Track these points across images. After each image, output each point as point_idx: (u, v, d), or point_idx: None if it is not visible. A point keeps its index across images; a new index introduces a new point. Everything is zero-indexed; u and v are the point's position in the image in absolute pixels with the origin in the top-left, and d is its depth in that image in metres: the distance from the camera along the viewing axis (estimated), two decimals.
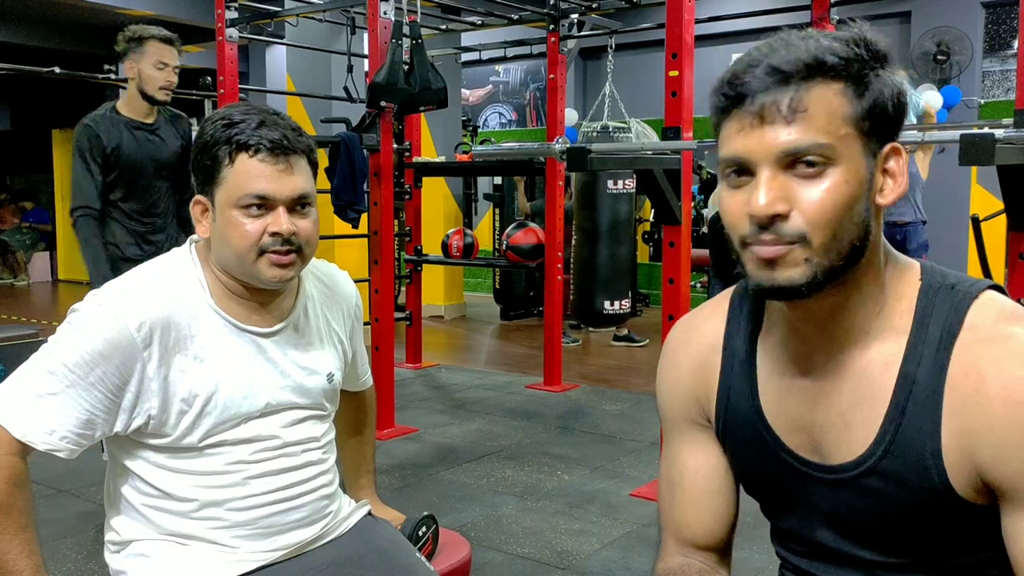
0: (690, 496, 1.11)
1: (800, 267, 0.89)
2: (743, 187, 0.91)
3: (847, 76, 0.88)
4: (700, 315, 1.13)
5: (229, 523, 1.38)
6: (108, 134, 3.14)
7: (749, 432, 1.04)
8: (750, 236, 0.90)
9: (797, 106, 0.87)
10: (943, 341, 0.91)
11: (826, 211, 0.88)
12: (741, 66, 0.91)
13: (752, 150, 0.89)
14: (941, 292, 0.94)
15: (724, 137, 0.92)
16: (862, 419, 0.95)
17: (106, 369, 1.27)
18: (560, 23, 5.18)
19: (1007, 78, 7.89)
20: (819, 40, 0.89)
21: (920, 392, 0.91)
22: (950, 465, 0.90)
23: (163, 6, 8.94)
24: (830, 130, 0.87)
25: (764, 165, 0.89)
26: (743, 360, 1.05)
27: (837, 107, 0.88)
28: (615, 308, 6.40)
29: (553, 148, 3.84)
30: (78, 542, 2.99)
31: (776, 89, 0.88)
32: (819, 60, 0.88)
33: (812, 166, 0.88)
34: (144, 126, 3.24)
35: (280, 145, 1.32)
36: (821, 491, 0.99)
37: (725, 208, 0.93)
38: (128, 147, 3.18)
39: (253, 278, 1.36)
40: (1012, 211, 2.94)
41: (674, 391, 1.12)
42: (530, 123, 11.06)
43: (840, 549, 1.01)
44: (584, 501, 3.42)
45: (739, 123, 0.90)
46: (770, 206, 0.88)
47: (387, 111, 4.20)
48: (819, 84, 0.88)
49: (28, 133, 12.90)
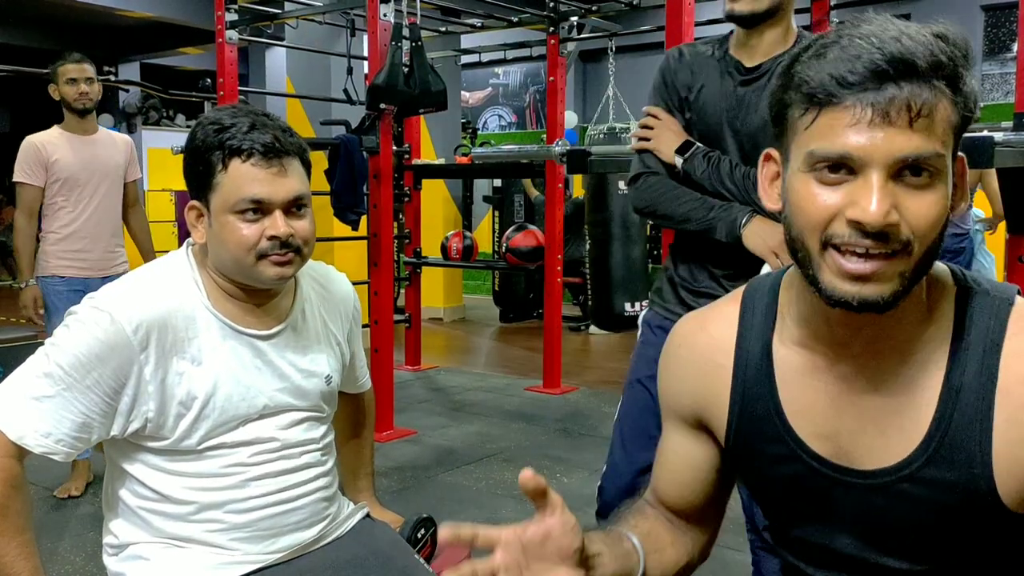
0: (665, 474, 1.12)
1: (893, 282, 0.83)
2: (839, 185, 0.83)
3: (954, 81, 0.81)
4: (708, 315, 1.08)
5: (228, 525, 1.37)
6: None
7: (768, 435, 1.00)
8: (843, 238, 0.83)
9: (927, 110, 0.79)
10: (988, 348, 0.88)
11: (932, 225, 0.82)
12: (855, 51, 0.81)
13: (868, 150, 0.80)
14: (977, 297, 0.91)
15: (825, 128, 0.83)
16: (901, 426, 0.92)
17: (102, 372, 1.27)
18: (560, 25, 5.18)
19: (1006, 81, 7.90)
20: (923, 34, 0.81)
21: (967, 399, 0.88)
22: (1000, 474, 0.87)
23: (163, 8, 8.94)
24: (944, 140, 0.81)
25: (878, 168, 0.81)
26: (759, 362, 1.01)
27: (949, 115, 0.82)
28: (635, 310, 6.30)
29: (553, 151, 3.85)
30: (76, 545, 2.98)
31: (905, 85, 0.80)
32: (939, 60, 0.80)
33: (921, 175, 0.81)
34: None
35: (273, 148, 1.32)
36: (847, 496, 0.96)
37: (808, 205, 0.85)
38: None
39: (253, 279, 1.36)
40: (1011, 214, 2.94)
41: (671, 389, 1.10)
42: (530, 125, 11.07)
43: (861, 556, 0.98)
44: (583, 504, 3.40)
45: (852, 116, 0.81)
46: (886, 216, 0.80)
47: (387, 113, 4.20)
48: (941, 87, 0.81)
49: (28, 134, 12.90)
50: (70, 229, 3.43)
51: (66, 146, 3.45)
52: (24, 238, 3.44)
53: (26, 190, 3.43)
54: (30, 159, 3.43)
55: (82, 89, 3.47)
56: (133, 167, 3.65)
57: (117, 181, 3.56)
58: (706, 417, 1.06)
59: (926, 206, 0.82)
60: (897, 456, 0.92)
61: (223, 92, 4.76)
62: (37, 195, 3.42)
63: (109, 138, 3.62)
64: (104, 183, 3.49)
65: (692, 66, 1.90)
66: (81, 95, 3.47)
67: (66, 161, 3.42)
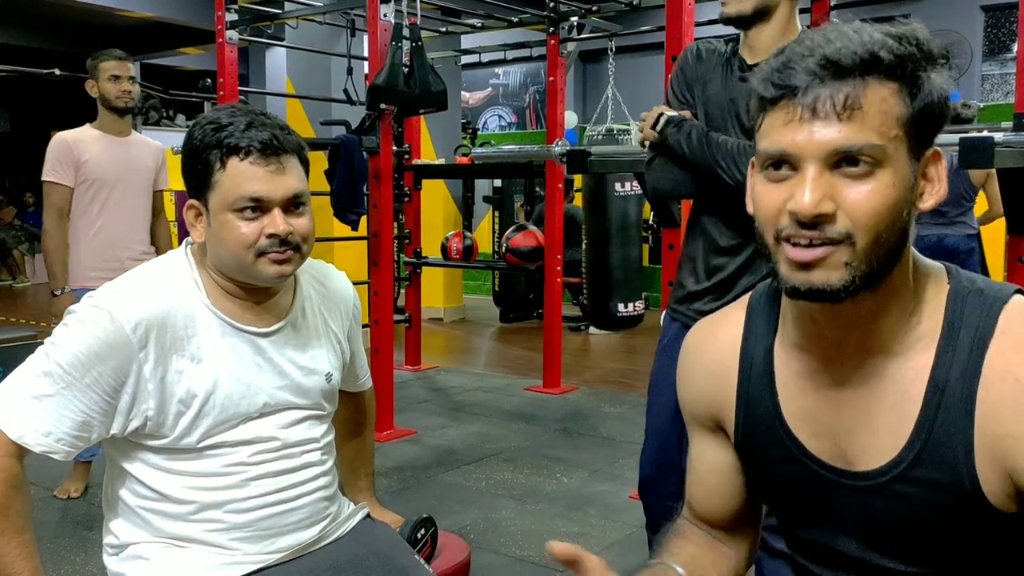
0: (699, 481, 1.15)
1: (839, 271, 0.86)
2: (783, 181, 0.88)
3: (902, 76, 0.85)
4: (717, 321, 1.12)
5: (228, 525, 1.37)
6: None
7: (770, 438, 1.02)
8: (787, 231, 0.87)
9: (853, 103, 0.84)
10: (975, 346, 0.89)
11: (872, 213, 0.85)
12: (792, 55, 0.87)
13: (800, 145, 0.85)
14: (970, 297, 0.92)
15: (767, 128, 0.89)
16: (890, 425, 0.93)
17: (102, 370, 1.27)
18: (560, 26, 5.18)
19: (1006, 81, 7.90)
20: (873, 35, 0.85)
21: (952, 397, 0.90)
22: (982, 471, 0.88)
23: (163, 8, 8.94)
24: (883, 131, 0.85)
25: (811, 162, 0.85)
26: (761, 366, 1.03)
27: (891, 107, 0.85)
28: (629, 310, 6.33)
29: (553, 151, 3.85)
30: (77, 544, 2.98)
31: (831, 83, 0.84)
32: (876, 56, 0.84)
33: (859, 166, 0.85)
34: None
35: (271, 145, 1.32)
36: (846, 498, 0.97)
37: (761, 202, 0.90)
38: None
39: (253, 278, 1.36)
40: (1011, 215, 2.94)
41: (689, 395, 1.13)
42: (530, 125, 11.07)
43: (863, 558, 0.99)
44: (583, 504, 3.42)
45: (787, 115, 0.86)
46: (816, 205, 0.85)
47: (387, 113, 4.20)
48: (875, 81, 0.85)
49: (28, 135, 12.91)
50: (100, 236, 3.30)
51: (98, 146, 3.32)
52: (55, 241, 3.27)
53: (55, 190, 3.27)
54: (60, 157, 3.27)
55: (125, 87, 3.36)
56: (163, 175, 3.52)
57: (147, 187, 3.45)
58: (720, 419, 1.09)
59: (864, 195, 0.85)
60: (888, 456, 0.93)
61: (223, 92, 4.76)
62: (66, 195, 3.26)
63: (143, 142, 3.52)
64: (133, 187, 3.37)
65: (705, 62, 2.02)
66: (124, 93, 3.36)
67: (97, 161, 3.29)
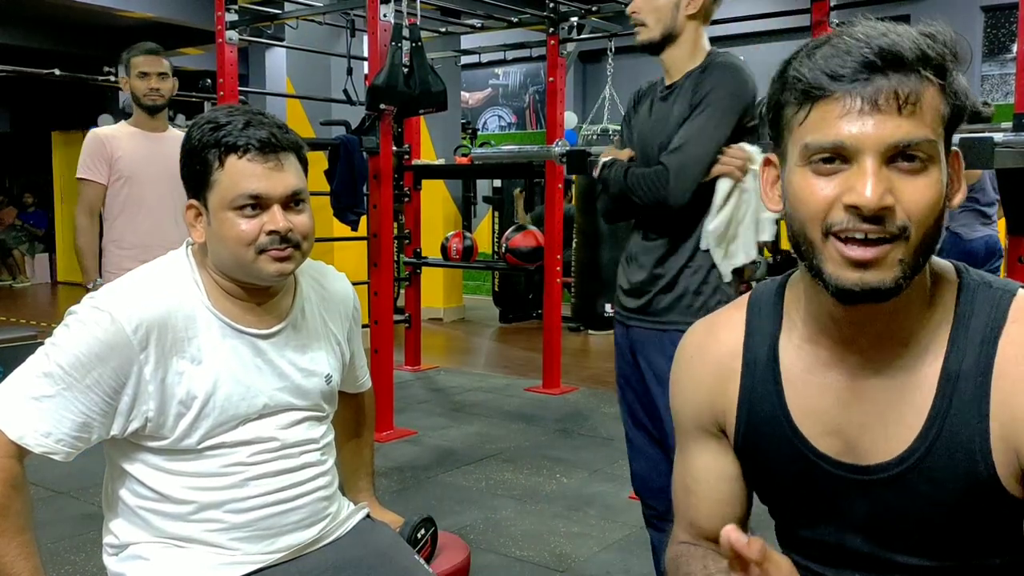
0: (703, 500, 1.11)
1: (894, 269, 0.86)
2: (834, 175, 0.86)
3: (943, 74, 0.86)
4: (716, 321, 1.10)
5: (227, 525, 1.37)
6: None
7: (776, 438, 1.01)
8: (842, 224, 0.85)
9: (914, 98, 0.84)
10: (987, 336, 0.90)
11: (928, 208, 0.85)
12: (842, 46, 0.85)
13: (859, 138, 0.84)
14: (980, 289, 0.93)
15: (817, 121, 0.86)
16: (902, 417, 0.93)
17: (102, 371, 1.27)
18: (560, 26, 5.19)
19: (1006, 82, 7.90)
20: (912, 33, 0.86)
21: (965, 387, 0.90)
22: (997, 456, 0.89)
23: (163, 8, 8.94)
24: (934, 127, 0.85)
25: (871, 155, 0.84)
26: (765, 364, 1.02)
27: (939, 105, 0.86)
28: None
29: (552, 151, 3.85)
30: (77, 544, 2.98)
31: (893, 76, 0.84)
32: (926, 54, 0.84)
33: (914, 161, 0.85)
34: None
35: (269, 143, 1.32)
36: (856, 495, 0.97)
37: (806, 196, 0.88)
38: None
39: (253, 276, 1.36)
40: (1011, 215, 2.94)
41: (689, 400, 1.10)
42: (529, 126, 11.07)
43: (873, 554, 0.98)
44: (583, 504, 3.42)
45: (843, 107, 0.85)
46: (881, 198, 0.83)
47: (387, 114, 4.20)
48: (926, 78, 0.85)
49: (28, 135, 12.90)
50: (134, 232, 3.24)
51: (132, 142, 3.26)
52: (87, 237, 3.21)
53: (87, 187, 3.22)
54: (93, 154, 3.22)
55: (152, 84, 3.26)
56: None
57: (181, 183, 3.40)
58: (722, 421, 1.07)
59: (920, 190, 0.85)
60: (900, 447, 0.93)
61: (223, 92, 4.76)
62: (99, 192, 3.21)
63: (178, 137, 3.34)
64: (167, 183, 3.21)
65: (642, 98, 2.21)
66: (151, 91, 3.26)
67: (130, 158, 3.23)
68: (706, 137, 1.97)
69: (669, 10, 2.03)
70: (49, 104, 12.17)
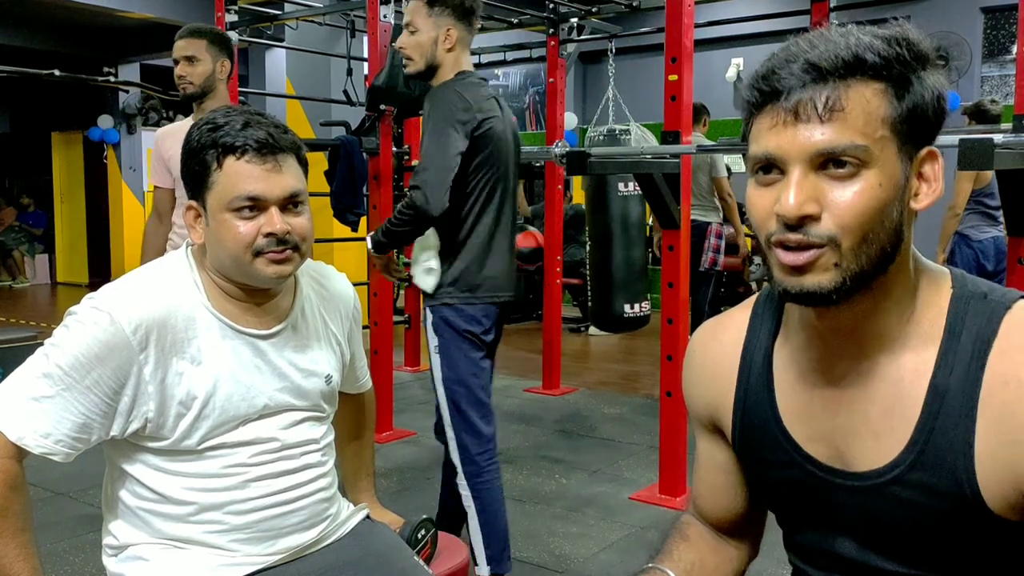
0: (701, 484, 1.18)
1: (829, 272, 0.86)
2: (772, 185, 0.89)
3: (888, 76, 0.86)
4: (720, 323, 1.12)
5: (227, 526, 1.37)
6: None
7: (768, 441, 1.02)
8: (777, 235, 0.88)
9: (834, 105, 0.85)
10: (976, 351, 0.89)
11: (857, 214, 0.85)
12: (778, 61, 0.88)
13: (784, 148, 0.87)
14: (973, 301, 0.92)
15: (755, 133, 0.90)
16: (891, 427, 0.92)
17: (102, 372, 1.27)
18: (560, 27, 5.19)
19: (1006, 83, 7.90)
20: (859, 37, 0.87)
21: (952, 402, 0.89)
22: (983, 477, 0.87)
23: (163, 8, 8.93)
24: (867, 131, 0.85)
25: (795, 164, 0.86)
26: (760, 368, 1.03)
27: (876, 108, 0.86)
28: (635, 311, 6.29)
29: (552, 152, 3.86)
30: (76, 545, 2.98)
31: (813, 86, 0.85)
32: (859, 58, 0.85)
33: (844, 167, 0.85)
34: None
35: (267, 144, 1.32)
36: (845, 500, 0.97)
37: (752, 206, 0.91)
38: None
39: (252, 278, 1.36)
40: (1011, 216, 2.94)
41: (693, 395, 1.14)
42: (529, 127, 11.07)
43: (862, 560, 0.98)
44: (582, 505, 3.41)
45: (772, 119, 0.88)
46: (800, 207, 0.85)
47: (387, 114, 4.20)
48: (858, 83, 0.86)
49: (28, 136, 12.90)
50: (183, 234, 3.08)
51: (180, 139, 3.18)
52: (148, 242, 3.07)
53: (156, 193, 3.09)
54: (154, 157, 3.08)
55: (179, 71, 2.98)
56: None
57: None
58: (719, 421, 1.09)
59: (849, 196, 0.85)
60: (887, 457, 0.93)
61: None
62: (164, 197, 3.05)
63: None
64: None
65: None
66: (179, 79, 3.01)
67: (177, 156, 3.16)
68: (435, 152, 2.34)
69: (429, 47, 2.42)
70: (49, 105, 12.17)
